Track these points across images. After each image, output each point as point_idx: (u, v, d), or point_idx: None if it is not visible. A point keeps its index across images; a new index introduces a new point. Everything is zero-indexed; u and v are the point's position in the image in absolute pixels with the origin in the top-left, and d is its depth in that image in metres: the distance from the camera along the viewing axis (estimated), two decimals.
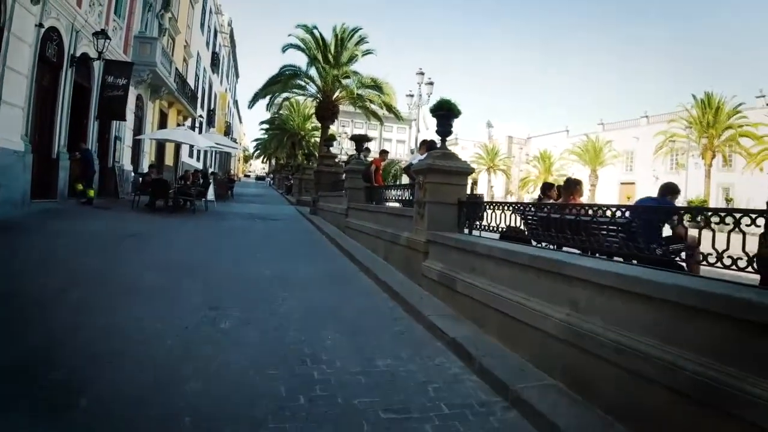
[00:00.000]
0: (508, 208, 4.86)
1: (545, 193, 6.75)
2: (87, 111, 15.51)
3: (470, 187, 7.48)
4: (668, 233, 4.95)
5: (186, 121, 28.61)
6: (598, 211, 3.70)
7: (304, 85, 23.76)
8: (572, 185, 6.19)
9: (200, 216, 14.06)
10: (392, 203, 8.89)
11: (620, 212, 3.56)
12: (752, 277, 2.60)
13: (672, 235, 4.88)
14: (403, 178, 26.36)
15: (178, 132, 17.24)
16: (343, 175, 12.10)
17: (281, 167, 48.80)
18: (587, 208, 3.89)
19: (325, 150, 18.25)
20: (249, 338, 3.99)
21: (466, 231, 5.59)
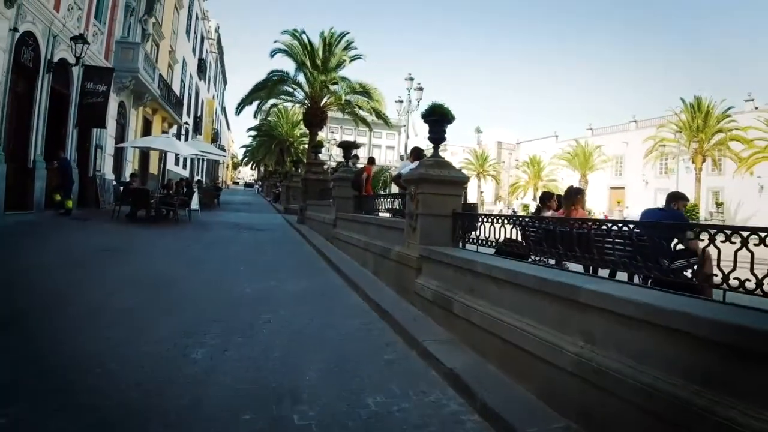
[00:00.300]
0: (509, 222, 4.47)
1: (544, 203, 6.35)
2: (65, 118, 14.97)
3: None
4: (674, 245, 4.63)
5: (171, 129, 28.06)
6: (602, 226, 3.34)
7: (292, 91, 23.32)
8: (574, 195, 5.80)
9: (183, 226, 13.55)
10: (383, 213, 8.48)
11: (628, 228, 3.20)
12: None
13: (684, 249, 4.53)
14: (392, 187, 26.03)
15: (159, 140, 16.72)
16: (330, 183, 11.65)
17: (270, 174, 48.25)
18: (593, 223, 3.53)
19: (313, 157, 17.80)
20: (223, 372, 3.54)
21: (462, 245, 5.22)
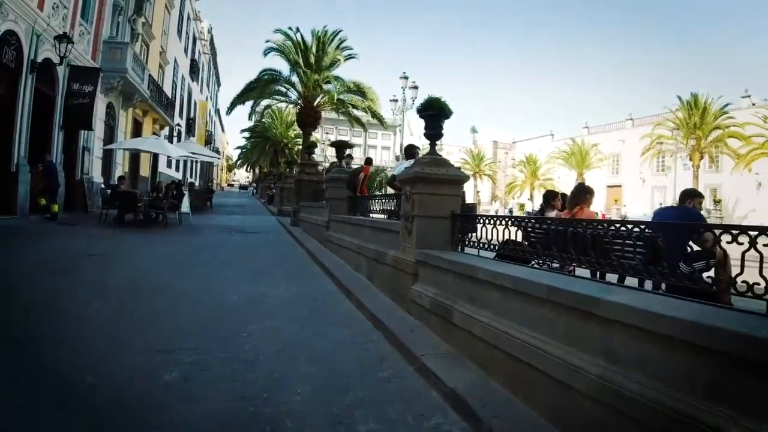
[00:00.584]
0: (513, 223, 4.11)
1: (548, 203, 5.98)
2: (51, 120, 14.56)
3: None
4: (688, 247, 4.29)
5: (163, 130, 27.63)
6: (614, 227, 2.99)
7: (285, 90, 22.93)
8: (582, 194, 5.43)
9: (172, 230, 13.14)
10: (377, 215, 8.11)
11: (640, 228, 2.86)
12: None
13: (700, 251, 4.19)
14: (388, 188, 25.53)
15: (148, 141, 16.30)
16: (323, 184, 11.26)
17: (264, 176, 47.80)
18: (603, 224, 3.20)
19: (306, 158, 17.41)
20: (197, 397, 3.16)
21: (461, 249, 4.86)
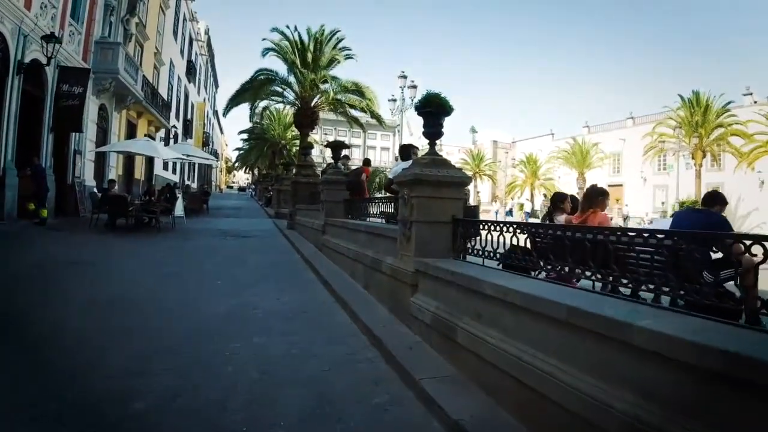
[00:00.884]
0: (522, 231, 3.71)
1: (557, 205, 5.57)
2: (40, 123, 14.14)
3: None
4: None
5: (159, 132, 27.25)
6: (627, 236, 2.60)
7: (281, 91, 22.47)
8: (595, 196, 5.03)
9: (164, 235, 12.73)
10: (375, 219, 7.71)
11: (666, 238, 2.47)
12: None
13: (723, 261, 3.78)
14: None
15: (139, 143, 15.87)
16: (320, 186, 10.84)
17: (263, 178, 47.42)
18: (623, 232, 2.81)
19: (303, 159, 16.98)
20: (170, 431, 2.78)
21: (463, 257, 4.46)
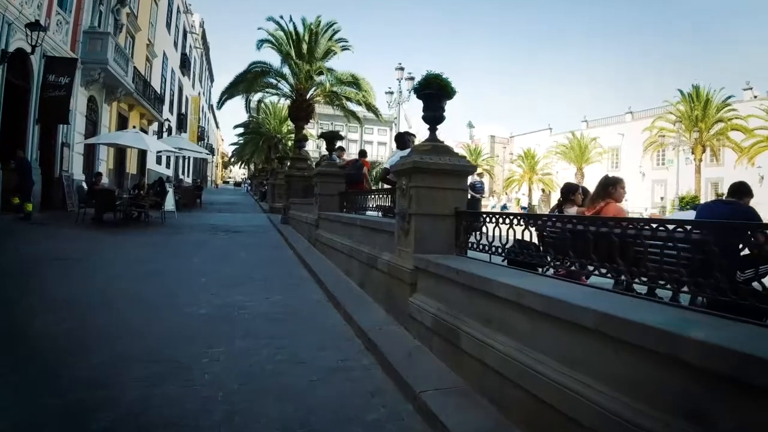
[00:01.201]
0: (532, 223, 3.32)
1: (567, 198, 5.16)
2: (25, 114, 13.65)
3: None
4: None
5: (151, 126, 26.74)
6: (660, 227, 2.21)
7: (276, 83, 21.96)
8: (608, 186, 4.63)
9: (153, 230, 12.30)
10: (371, 212, 7.30)
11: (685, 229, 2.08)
12: None
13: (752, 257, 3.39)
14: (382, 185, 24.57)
15: (127, 135, 15.36)
16: (313, 179, 10.39)
17: (258, 172, 46.91)
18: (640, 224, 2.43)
19: (297, 152, 16.53)
20: None
21: (469, 252, 4.07)
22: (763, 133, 30.43)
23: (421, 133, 4.50)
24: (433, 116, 4.36)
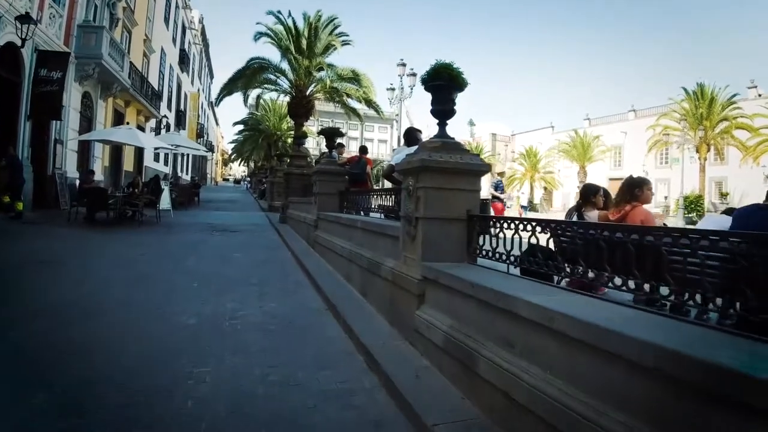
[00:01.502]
0: (554, 228, 2.91)
1: (588, 199, 4.75)
2: (16, 110, 13.24)
3: None
4: None
5: (149, 122, 26.31)
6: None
7: (275, 78, 21.55)
8: (635, 187, 4.23)
9: (147, 230, 11.89)
10: (373, 213, 6.90)
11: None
12: None
13: None
14: (383, 182, 24.22)
15: (120, 132, 14.95)
16: (312, 177, 9.95)
17: (258, 170, 46.51)
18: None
19: (296, 149, 16.10)
20: None
21: (478, 260, 3.67)
22: None
23: (425, 130, 4.12)
24: (443, 110, 3.95)
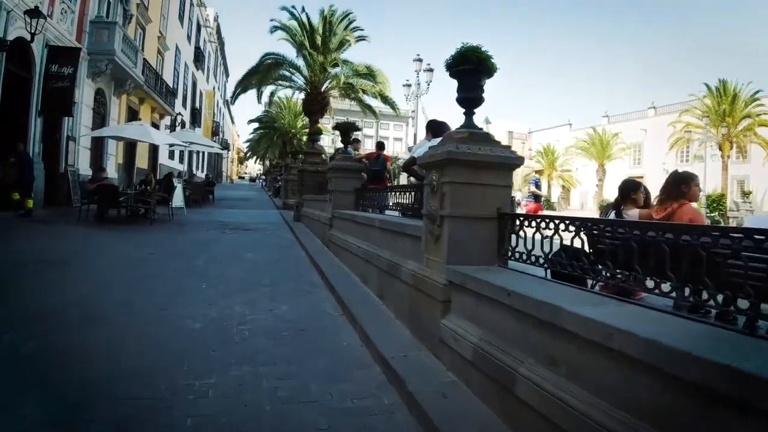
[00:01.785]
0: (597, 228, 2.54)
1: (627, 196, 4.35)
2: (27, 106, 13.10)
3: None
4: None
5: (163, 120, 26.27)
6: None
7: (290, 75, 21.26)
8: (681, 183, 3.84)
9: (158, 228, 11.66)
10: (391, 211, 6.55)
11: None
12: None
13: None
14: (401, 179, 23.80)
15: (131, 128, 14.79)
16: (327, 174, 9.62)
17: (273, 167, 46.43)
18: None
19: (311, 146, 15.80)
20: None
21: (506, 263, 3.31)
22: None
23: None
24: (470, 98, 3.59)
